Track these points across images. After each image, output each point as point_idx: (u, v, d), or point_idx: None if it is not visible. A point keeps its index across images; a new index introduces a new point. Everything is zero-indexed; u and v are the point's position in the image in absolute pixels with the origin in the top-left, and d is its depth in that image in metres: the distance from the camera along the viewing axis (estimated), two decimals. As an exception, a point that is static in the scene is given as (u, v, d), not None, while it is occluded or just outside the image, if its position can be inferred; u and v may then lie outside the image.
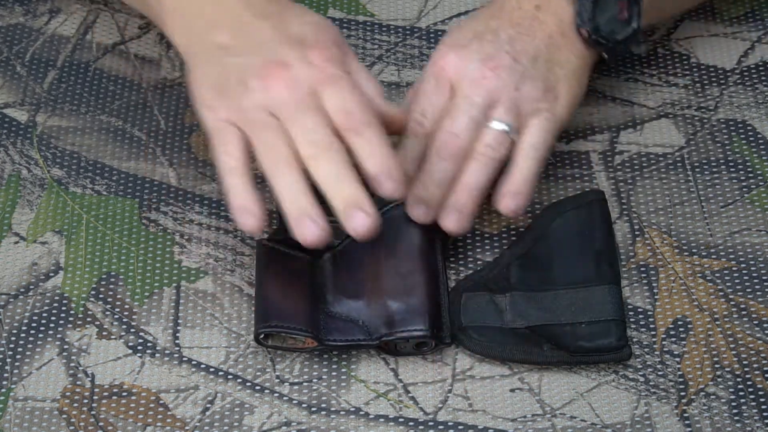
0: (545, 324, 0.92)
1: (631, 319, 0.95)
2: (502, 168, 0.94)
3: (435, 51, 0.97)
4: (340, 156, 0.87)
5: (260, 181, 0.90)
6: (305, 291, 0.93)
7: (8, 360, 0.94)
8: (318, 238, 0.87)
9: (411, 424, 0.91)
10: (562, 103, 0.95)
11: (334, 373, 0.93)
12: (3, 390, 0.92)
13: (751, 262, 0.97)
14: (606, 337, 0.91)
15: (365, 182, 0.88)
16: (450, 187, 0.93)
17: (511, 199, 0.93)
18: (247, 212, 0.88)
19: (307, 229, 0.86)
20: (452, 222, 0.93)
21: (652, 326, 0.95)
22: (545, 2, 0.96)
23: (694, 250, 0.98)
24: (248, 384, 0.93)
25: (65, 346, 0.94)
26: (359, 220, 0.86)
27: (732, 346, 0.94)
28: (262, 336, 0.92)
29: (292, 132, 0.88)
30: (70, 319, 0.96)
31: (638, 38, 0.97)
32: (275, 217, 0.97)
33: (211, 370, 0.93)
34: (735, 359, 0.93)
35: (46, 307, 0.96)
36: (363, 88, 0.92)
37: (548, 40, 0.96)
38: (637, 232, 0.99)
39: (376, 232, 0.87)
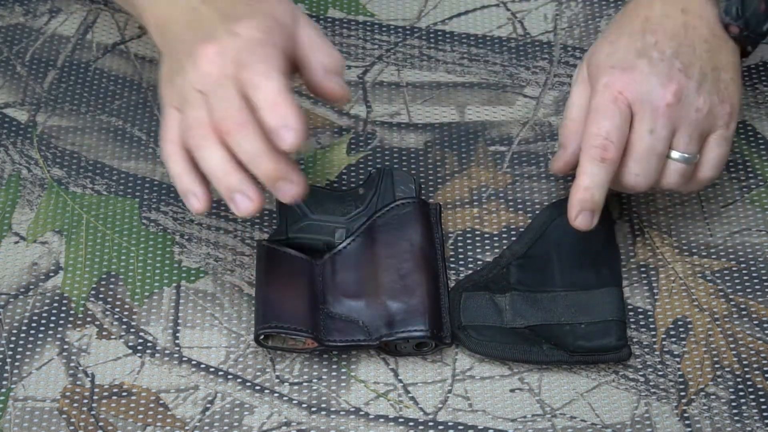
0: (545, 324, 0.92)
1: (631, 319, 0.95)
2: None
3: (601, 72, 0.91)
4: (255, 131, 0.85)
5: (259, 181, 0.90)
6: (305, 292, 0.93)
7: (8, 360, 0.94)
8: (253, 211, 0.87)
9: (411, 424, 0.91)
10: (736, 107, 0.92)
11: (334, 374, 0.93)
12: (3, 390, 0.92)
13: (751, 262, 0.97)
14: (606, 337, 0.91)
15: None
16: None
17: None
18: (191, 194, 0.88)
19: (241, 204, 0.86)
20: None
21: (652, 326, 0.95)
22: (689, 4, 0.93)
23: (694, 250, 0.98)
24: (248, 384, 0.93)
25: (65, 346, 0.94)
26: (289, 191, 0.86)
27: (732, 346, 0.94)
28: (262, 337, 0.92)
29: (212, 111, 0.86)
30: (70, 319, 0.96)
31: None
32: (275, 218, 0.97)
33: (211, 370, 0.93)
34: (735, 359, 0.93)
35: (46, 307, 0.96)
36: (310, 60, 0.89)
37: (706, 45, 0.92)
38: (637, 232, 0.99)
39: (305, 194, 0.87)
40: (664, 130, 0.89)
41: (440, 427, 0.91)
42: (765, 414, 0.91)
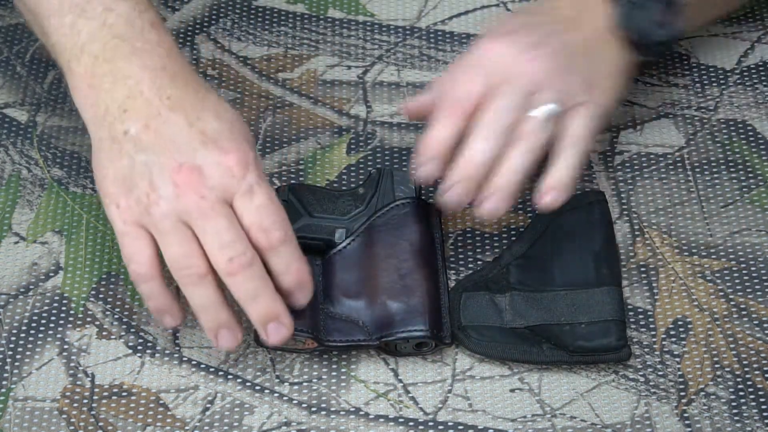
0: (545, 324, 0.92)
1: (631, 319, 0.95)
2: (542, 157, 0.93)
3: (479, 42, 0.95)
4: (257, 271, 0.86)
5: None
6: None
7: (8, 360, 0.94)
8: (235, 346, 0.88)
9: (411, 424, 0.91)
10: (607, 96, 0.95)
11: (334, 373, 0.93)
12: (3, 390, 0.92)
13: (751, 262, 0.97)
14: (605, 337, 0.91)
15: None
16: (491, 170, 0.91)
17: (551, 194, 0.92)
18: (165, 313, 0.89)
19: (224, 339, 0.88)
20: (491, 203, 0.91)
21: (652, 326, 0.95)
22: (585, 8, 0.96)
23: (694, 250, 0.98)
24: (248, 384, 0.93)
25: (65, 346, 0.94)
26: (278, 333, 0.88)
27: (732, 346, 0.94)
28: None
29: (205, 243, 0.85)
30: (70, 319, 0.96)
31: (676, 40, 0.97)
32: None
33: (211, 370, 0.93)
34: (735, 359, 0.93)
35: (46, 307, 0.96)
36: None
37: (586, 35, 0.95)
38: (637, 232, 0.99)
39: (290, 338, 0.89)
40: (523, 82, 0.92)
41: (440, 427, 0.91)
42: (765, 414, 0.91)
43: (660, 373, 0.93)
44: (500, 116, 0.91)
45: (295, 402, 0.92)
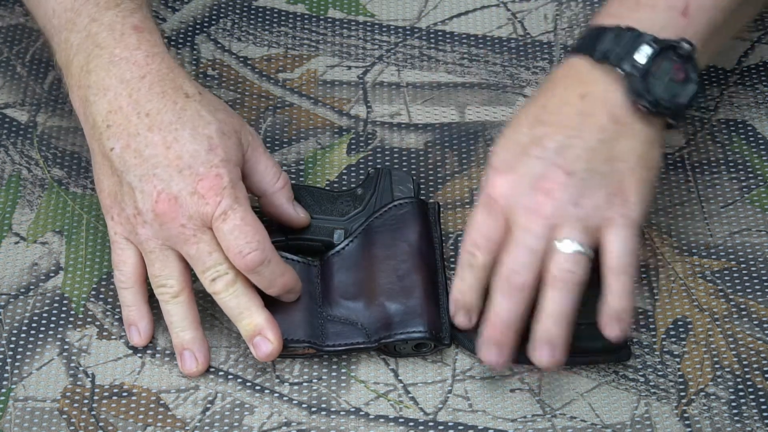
0: None
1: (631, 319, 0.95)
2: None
3: (486, 176, 0.89)
4: (240, 288, 0.90)
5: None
6: (303, 299, 0.93)
7: (8, 360, 0.94)
8: (195, 373, 0.92)
9: (411, 424, 0.91)
10: (634, 201, 0.86)
11: (334, 374, 0.93)
12: (3, 390, 0.92)
13: (751, 263, 0.97)
14: (605, 338, 0.91)
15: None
16: (535, 318, 0.87)
17: (616, 325, 0.87)
18: (133, 327, 0.93)
19: (187, 361, 0.92)
20: (545, 356, 0.87)
21: (652, 326, 0.95)
22: (590, 88, 0.88)
23: (694, 251, 0.98)
24: (248, 384, 0.93)
25: (65, 347, 0.94)
26: (263, 348, 0.90)
27: (732, 346, 0.94)
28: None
29: (190, 264, 0.90)
30: (71, 319, 0.96)
31: (701, 94, 0.88)
32: (274, 223, 0.97)
33: (211, 370, 0.93)
34: (735, 359, 0.93)
35: (46, 308, 0.96)
36: (265, 185, 0.93)
37: (601, 134, 0.87)
38: (637, 232, 0.99)
39: (278, 354, 0.91)
40: (538, 227, 0.86)
41: (440, 427, 0.91)
42: (765, 414, 0.91)
43: (660, 373, 0.93)
44: (518, 273, 0.87)
45: (295, 402, 0.92)
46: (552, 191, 0.86)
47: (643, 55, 0.86)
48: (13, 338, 0.95)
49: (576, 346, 0.91)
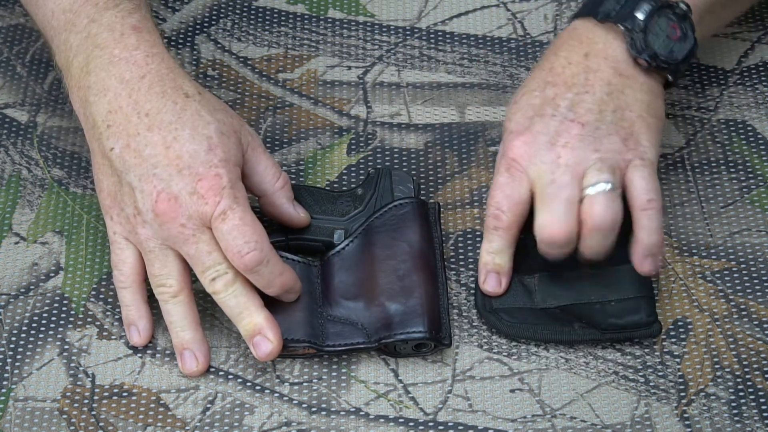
0: (575, 303, 0.92)
1: (631, 320, 0.95)
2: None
3: (502, 141, 0.93)
4: (239, 288, 0.90)
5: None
6: (303, 299, 0.93)
7: (9, 360, 0.94)
8: (195, 372, 0.92)
9: (411, 424, 0.91)
10: (646, 144, 0.91)
11: (334, 374, 0.93)
12: (3, 390, 0.92)
13: (751, 263, 0.97)
14: (636, 314, 0.92)
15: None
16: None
17: (649, 261, 0.90)
18: (132, 327, 0.93)
19: (187, 361, 0.92)
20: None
21: (652, 326, 0.95)
22: (593, 47, 0.93)
23: (694, 251, 0.98)
24: (248, 384, 0.93)
25: (66, 347, 0.94)
26: (263, 347, 0.90)
27: (732, 346, 0.94)
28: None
29: (190, 264, 0.90)
30: (71, 319, 0.96)
31: (696, 52, 0.94)
32: (274, 223, 0.97)
33: (212, 370, 0.93)
34: (735, 359, 0.93)
35: (46, 308, 0.96)
36: (265, 185, 0.93)
37: (608, 87, 0.91)
38: (637, 233, 0.99)
39: (278, 353, 0.91)
40: (565, 176, 0.89)
41: (440, 428, 0.91)
42: (765, 414, 0.91)
43: (660, 373, 0.93)
44: (560, 226, 0.89)
45: (295, 402, 0.92)
46: (570, 144, 0.90)
47: (642, 12, 0.92)
48: (13, 338, 0.95)
49: (608, 322, 0.91)
